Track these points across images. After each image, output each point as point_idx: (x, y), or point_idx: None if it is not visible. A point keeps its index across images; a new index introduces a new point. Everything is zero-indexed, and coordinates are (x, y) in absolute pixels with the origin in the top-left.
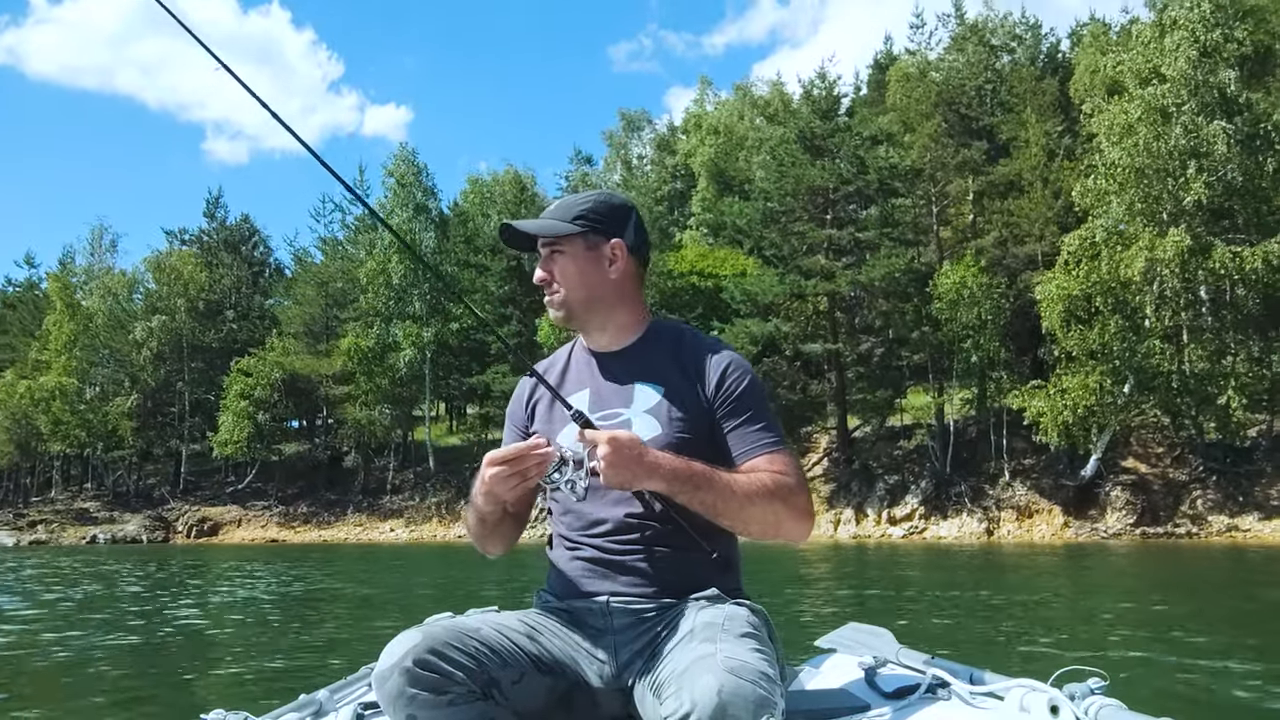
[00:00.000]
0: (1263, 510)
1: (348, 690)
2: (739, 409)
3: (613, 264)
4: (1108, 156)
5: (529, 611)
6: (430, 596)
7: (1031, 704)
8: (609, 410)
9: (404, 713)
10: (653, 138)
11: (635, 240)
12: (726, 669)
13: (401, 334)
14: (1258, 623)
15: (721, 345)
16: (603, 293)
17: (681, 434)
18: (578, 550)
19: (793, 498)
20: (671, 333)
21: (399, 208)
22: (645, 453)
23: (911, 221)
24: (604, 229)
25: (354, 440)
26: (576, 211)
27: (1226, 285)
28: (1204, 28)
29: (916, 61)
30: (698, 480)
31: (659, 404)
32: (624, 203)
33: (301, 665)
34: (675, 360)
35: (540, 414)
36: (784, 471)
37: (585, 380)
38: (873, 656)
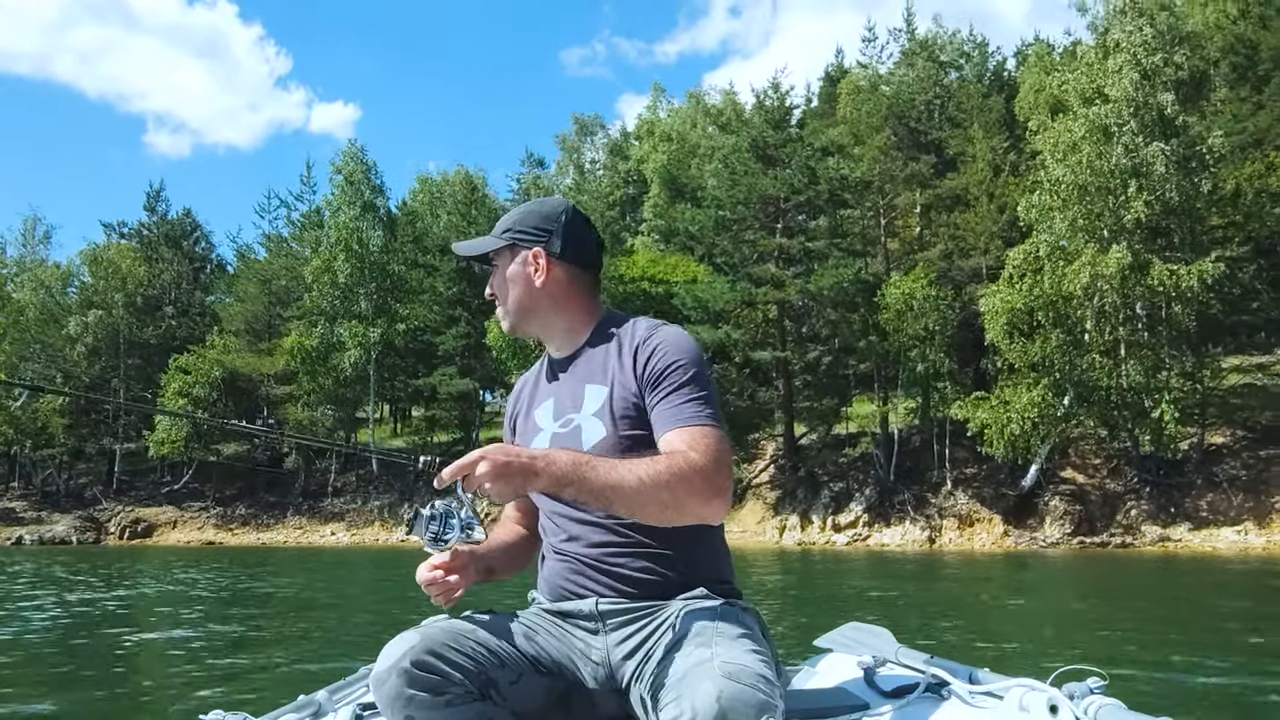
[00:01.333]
0: (1193, 521)
1: (346, 691)
2: (661, 384)
3: (536, 272)
4: (1052, 173)
5: (526, 612)
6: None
7: (1031, 703)
8: (565, 417)
9: (402, 713)
10: (605, 143)
11: (562, 246)
12: (724, 674)
13: (347, 334)
14: (1204, 624)
15: (662, 328)
16: (533, 302)
17: (629, 431)
18: (562, 554)
19: (697, 477)
20: (615, 325)
21: (346, 205)
22: (519, 456)
23: (860, 232)
24: (527, 239)
25: (295, 441)
26: (505, 225)
27: (1163, 302)
28: (1145, 51)
29: (868, 75)
30: (581, 472)
31: (604, 404)
32: (552, 210)
33: (295, 671)
34: (617, 354)
35: (519, 426)
36: (693, 447)
37: (549, 389)
38: (871, 656)
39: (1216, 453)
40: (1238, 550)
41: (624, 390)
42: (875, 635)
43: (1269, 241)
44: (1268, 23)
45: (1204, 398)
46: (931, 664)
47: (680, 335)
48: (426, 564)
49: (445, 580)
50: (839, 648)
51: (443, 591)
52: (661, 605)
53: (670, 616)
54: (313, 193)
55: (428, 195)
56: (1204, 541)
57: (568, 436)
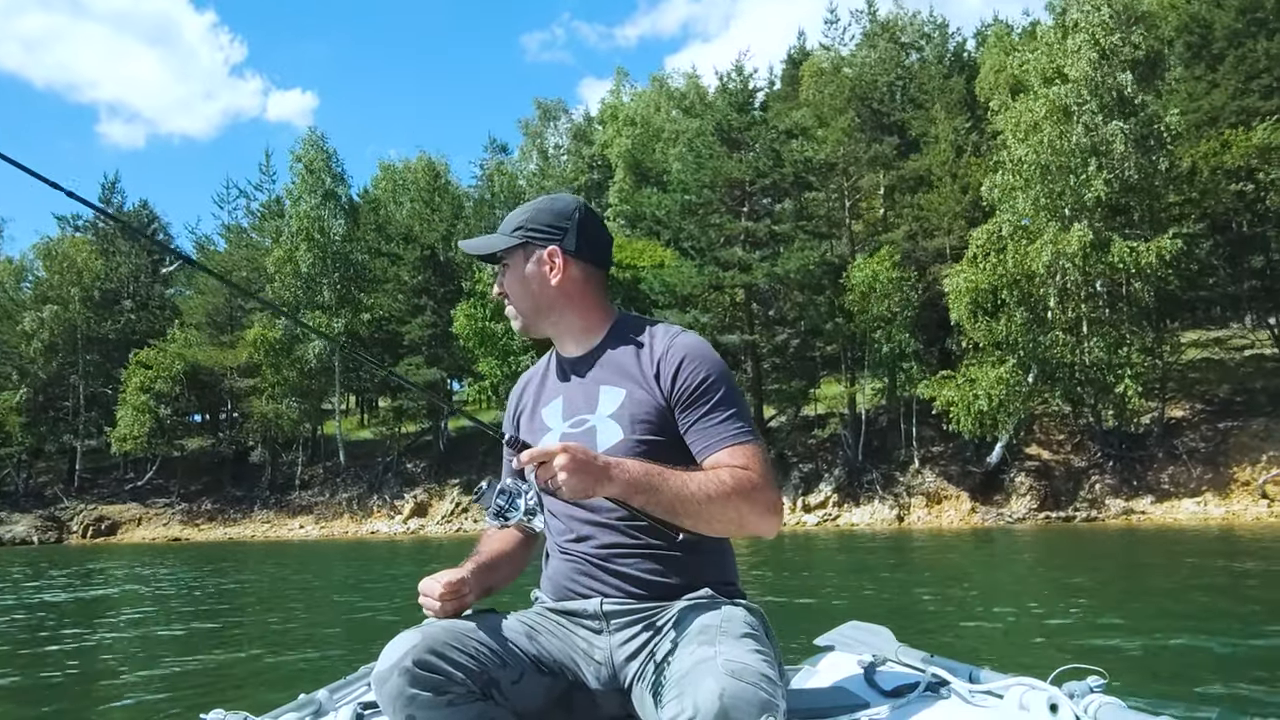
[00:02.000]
0: (1155, 493)
1: (347, 690)
2: (697, 402)
3: (552, 270)
4: (1014, 153)
5: (528, 612)
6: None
7: (1031, 702)
8: (577, 417)
9: (404, 713)
10: (569, 127)
11: (577, 243)
12: (727, 672)
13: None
14: (1167, 592)
15: (682, 335)
16: (548, 301)
17: (646, 436)
18: (568, 554)
19: (756, 494)
20: (634, 329)
21: (307, 194)
22: (598, 458)
23: (825, 215)
24: (541, 237)
25: (260, 434)
26: (516, 223)
27: (1123, 279)
28: (1103, 31)
29: (830, 57)
30: (653, 482)
31: (621, 407)
32: (565, 207)
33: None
34: (636, 358)
35: (524, 425)
36: (747, 466)
37: (558, 388)
38: (872, 655)
39: (1176, 426)
40: (1199, 521)
41: (645, 395)
42: (875, 634)
43: (1224, 218)
44: (1221, 1)
45: (1164, 372)
46: (931, 663)
47: (704, 346)
48: (436, 580)
49: (449, 601)
50: (839, 646)
51: (441, 609)
52: (666, 605)
53: (674, 616)
54: (272, 182)
55: (390, 183)
56: (1166, 513)
57: (580, 437)
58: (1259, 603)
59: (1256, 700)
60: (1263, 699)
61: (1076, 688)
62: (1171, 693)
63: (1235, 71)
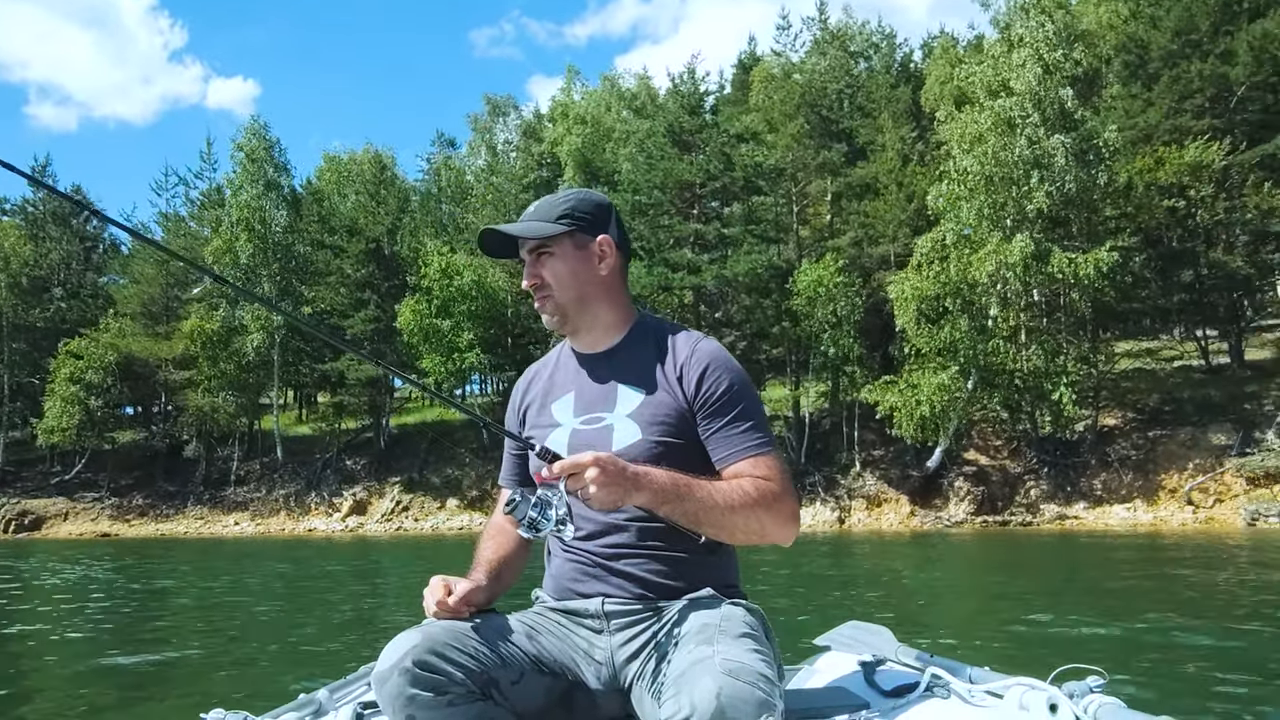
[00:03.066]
0: (1088, 499)
1: (347, 690)
2: (720, 410)
3: (602, 260)
4: (960, 163)
5: (527, 612)
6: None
7: (1030, 702)
8: (592, 414)
9: (404, 713)
10: (519, 124)
11: (619, 235)
12: (725, 671)
13: (249, 316)
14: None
15: (704, 342)
16: (593, 291)
17: (663, 438)
18: (570, 553)
19: (777, 504)
20: (655, 331)
21: (249, 183)
22: (628, 468)
23: (773, 219)
24: (590, 226)
25: (195, 429)
26: (560, 210)
27: (1061, 289)
28: (1047, 46)
29: (781, 63)
30: (680, 492)
31: (640, 407)
32: (603, 199)
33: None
34: (658, 360)
35: (530, 419)
36: (768, 476)
37: (570, 383)
38: (871, 654)
39: (1109, 434)
40: (1129, 526)
41: (666, 398)
42: (874, 634)
43: (1156, 233)
44: (1157, 23)
45: (1098, 382)
46: (931, 663)
47: (727, 354)
48: (449, 595)
49: (455, 611)
50: (838, 646)
51: (443, 613)
52: (666, 606)
53: (674, 616)
54: (213, 170)
55: (334, 174)
56: (1098, 519)
57: (594, 434)
58: (1198, 603)
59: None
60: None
61: (1076, 688)
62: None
63: (1169, 91)
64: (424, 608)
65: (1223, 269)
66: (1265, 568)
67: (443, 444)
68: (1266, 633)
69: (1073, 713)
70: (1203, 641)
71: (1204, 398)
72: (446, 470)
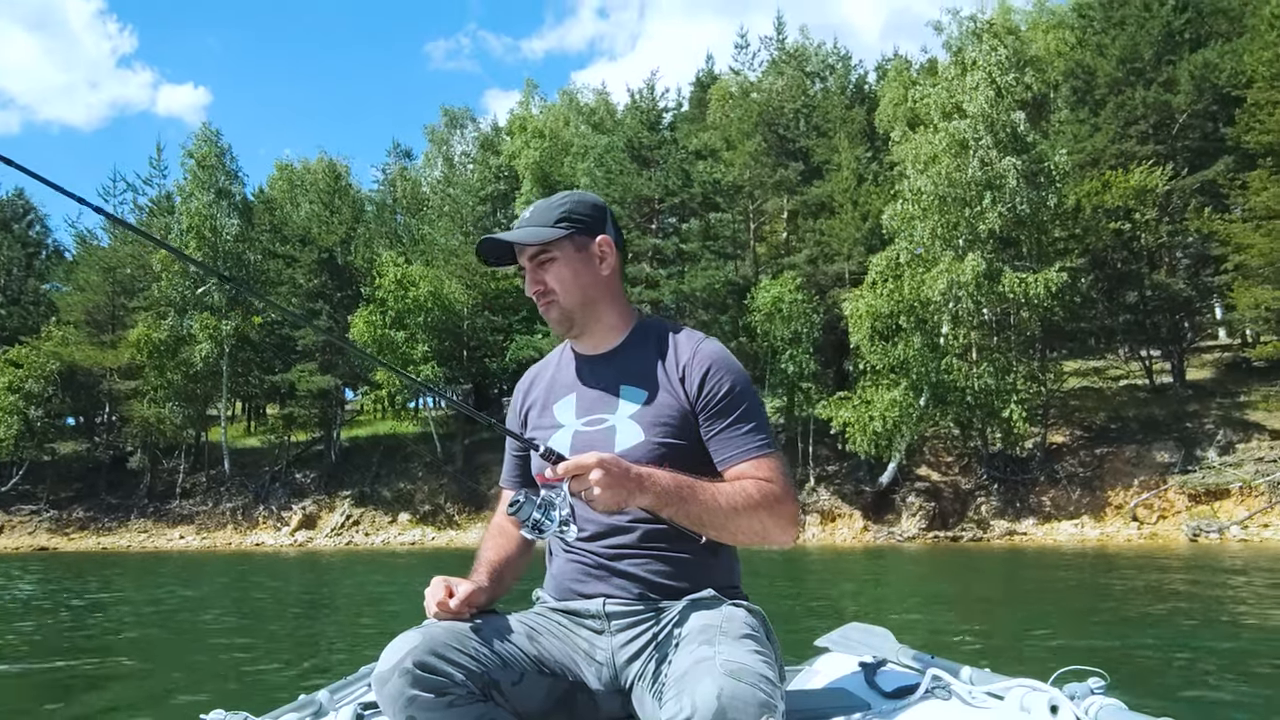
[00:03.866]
0: (1037, 515)
1: (347, 691)
2: (722, 412)
3: (603, 261)
4: (914, 184)
5: (528, 613)
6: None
7: (1031, 704)
8: (594, 415)
9: (404, 714)
10: (476, 136)
11: (616, 235)
12: (726, 672)
13: (198, 326)
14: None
15: (706, 342)
16: (597, 293)
17: (666, 439)
18: (572, 553)
19: (779, 506)
20: (657, 332)
21: (199, 191)
22: (631, 469)
23: (731, 236)
24: (588, 227)
25: (140, 440)
26: (558, 214)
27: (1012, 309)
28: (999, 70)
29: (739, 81)
30: (683, 494)
31: (643, 409)
32: (598, 199)
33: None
34: (660, 361)
35: (532, 420)
36: (770, 478)
37: (572, 385)
38: (872, 656)
39: (1057, 451)
40: (1076, 542)
41: (669, 399)
42: (875, 635)
43: (1102, 254)
44: (1104, 50)
45: (1047, 399)
46: (932, 664)
47: (729, 355)
48: (450, 596)
49: (456, 612)
50: (839, 648)
51: (444, 614)
52: (668, 607)
53: (675, 617)
54: (163, 177)
55: (286, 183)
56: (1047, 534)
57: (597, 436)
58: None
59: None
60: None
61: (1077, 689)
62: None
63: (1115, 117)
64: (425, 608)
65: (1165, 291)
66: (1204, 583)
67: (395, 458)
68: (1226, 639)
69: (1074, 714)
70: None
71: (1148, 416)
72: (399, 484)
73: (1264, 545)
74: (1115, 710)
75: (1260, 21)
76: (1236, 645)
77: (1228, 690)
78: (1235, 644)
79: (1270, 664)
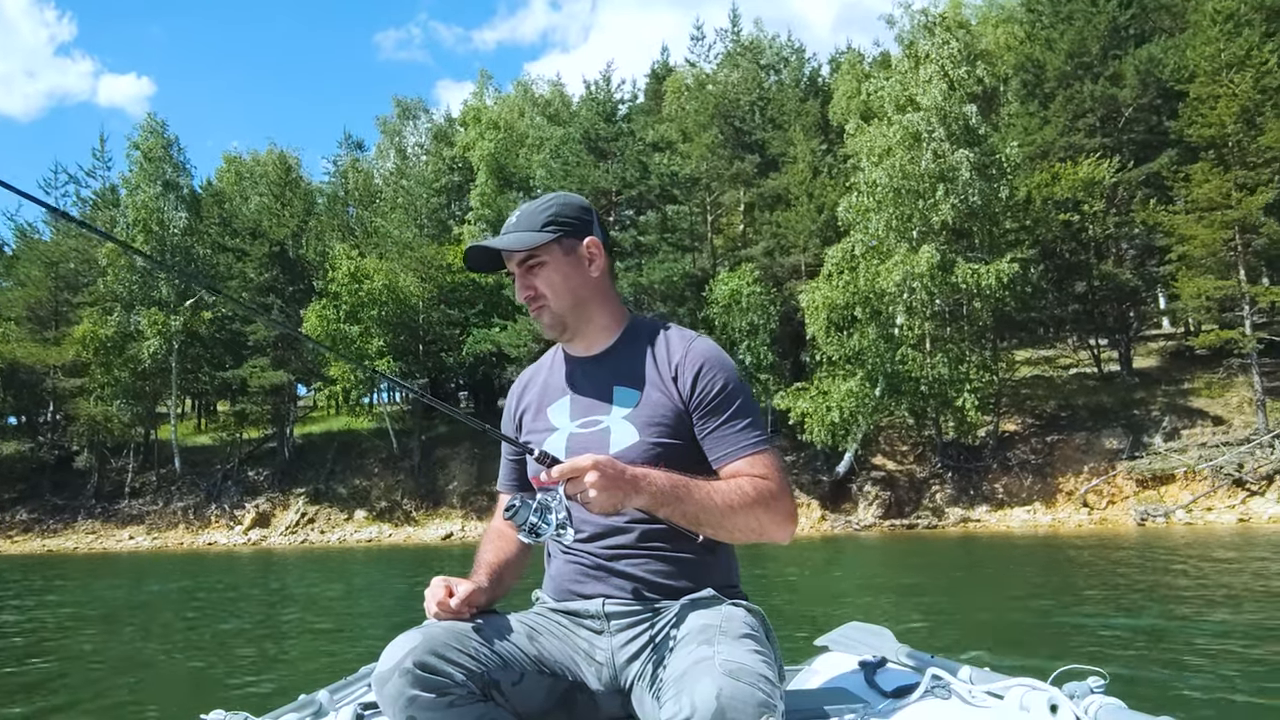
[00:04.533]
0: (990, 502)
1: (348, 691)
2: (716, 409)
3: (592, 263)
4: (869, 176)
5: (528, 613)
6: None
7: (1031, 703)
8: (588, 418)
9: (404, 714)
10: (429, 128)
11: (604, 236)
12: (725, 672)
13: (146, 321)
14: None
15: (698, 340)
16: (587, 295)
17: (661, 439)
18: (570, 554)
19: (775, 503)
20: (649, 331)
21: (145, 183)
22: (626, 470)
23: (688, 228)
24: (576, 230)
25: (87, 439)
26: (545, 218)
27: (964, 299)
28: (952, 63)
29: (695, 73)
30: (679, 494)
31: (637, 409)
32: (584, 201)
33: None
34: (653, 361)
35: (527, 423)
36: (765, 475)
37: (566, 387)
38: (872, 655)
39: (1010, 439)
40: (1029, 528)
41: (662, 399)
42: (875, 635)
43: (1052, 245)
44: (1052, 45)
45: (999, 388)
46: (932, 663)
47: (721, 353)
48: (450, 596)
49: (456, 613)
50: (839, 647)
51: (444, 614)
52: (667, 606)
53: (674, 617)
54: (107, 169)
55: (235, 175)
56: (1000, 521)
57: (592, 438)
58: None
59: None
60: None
61: (1077, 688)
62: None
63: (1064, 110)
64: (425, 609)
65: (1112, 281)
66: (1154, 564)
67: (350, 454)
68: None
69: (1073, 713)
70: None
71: (1097, 404)
72: (354, 481)
73: (1207, 528)
74: (1115, 709)
75: (1202, 17)
76: (1179, 624)
77: (1167, 665)
78: (1177, 623)
79: (1218, 642)
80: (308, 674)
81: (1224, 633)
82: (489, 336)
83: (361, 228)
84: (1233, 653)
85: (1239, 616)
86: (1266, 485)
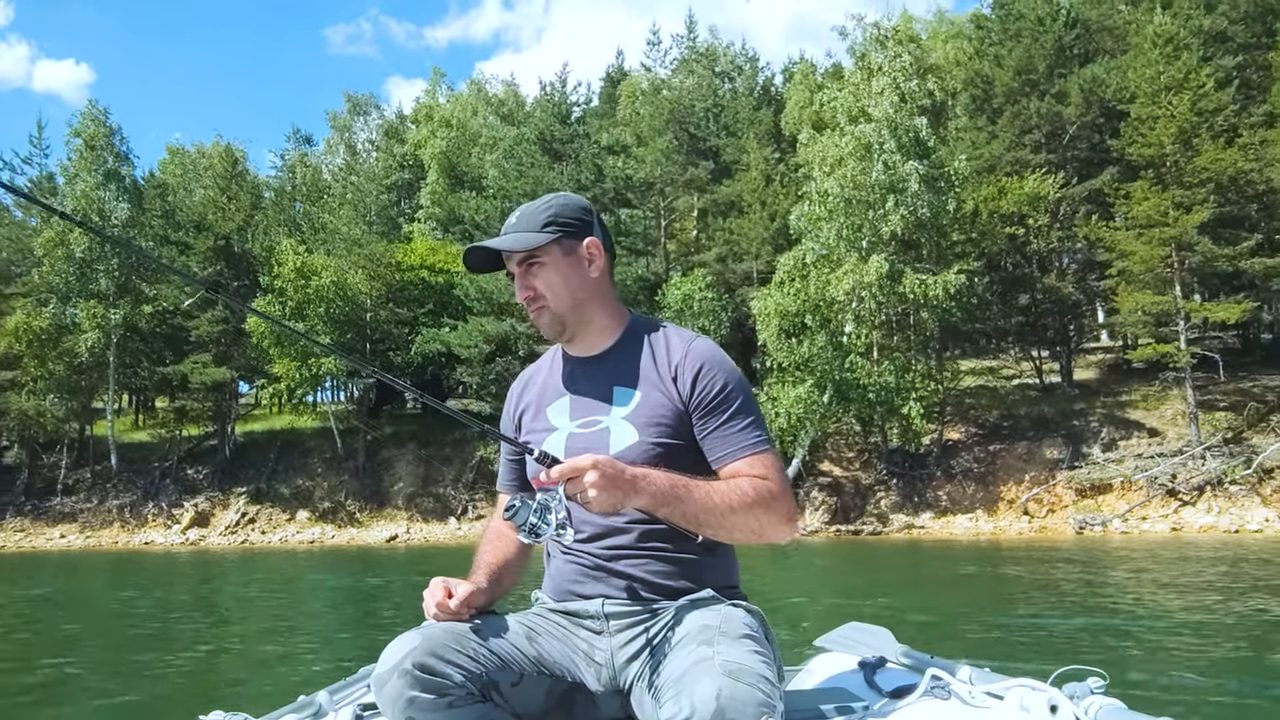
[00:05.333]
0: (934, 509)
1: (347, 692)
2: (716, 410)
3: (592, 263)
4: (821, 185)
5: (527, 613)
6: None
7: (1031, 703)
8: (588, 418)
9: (403, 715)
10: (380, 124)
11: (604, 236)
12: (725, 672)
13: (83, 314)
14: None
15: (698, 341)
16: (587, 295)
17: (661, 439)
18: (570, 555)
19: (775, 503)
20: (649, 332)
21: (85, 172)
22: (626, 471)
23: (642, 232)
24: (576, 230)
25: (17, 434)
26: (545, 218)
27: (912, 309)
28: (904, 76)
29: (650, 78)
30: (679, 494)
31: (636, 409)
32: (584, 201)
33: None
34: (652, 361)
35: (526, 424)
36: (765, 475)
37: (565, 387)
38: (871, 655)
39: (954, 448)
40: (971, 535)
41: (662, 399)
42: (875, 635)
43: (997, 258)
44: (1000, 61)
45: (944, 397)
46: (931, 664)
47: (721, 353)
48: (449, 597)
49: (455, 613)
50: (839, 647)
51: (443, 615)
52: (666, 607)
53: (674, 617)
54: (44, 156)
55: (180, 167)
56: (943, 528)
57: (592, 438)
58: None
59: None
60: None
61: (1077, 689)
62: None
63: (1011, 125)
64: (424, 610)
65: (1054, 294)
66: (1091, 568)
67: (293, 453)
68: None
69: (1073, 714)
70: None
71: (1039, 414)
72: (297, 481)
73: (1142, 537)
74: (1115, 710)
75: (1143, 40)
76: (1121, 623)
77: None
78: (1118, 620)
79: (1158, 640)
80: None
81: (1170, 629)
82: (438, 336)
83: (309, 223)
84: (1187, 648)
85: (1181, 616)
86: (1197, 496)
